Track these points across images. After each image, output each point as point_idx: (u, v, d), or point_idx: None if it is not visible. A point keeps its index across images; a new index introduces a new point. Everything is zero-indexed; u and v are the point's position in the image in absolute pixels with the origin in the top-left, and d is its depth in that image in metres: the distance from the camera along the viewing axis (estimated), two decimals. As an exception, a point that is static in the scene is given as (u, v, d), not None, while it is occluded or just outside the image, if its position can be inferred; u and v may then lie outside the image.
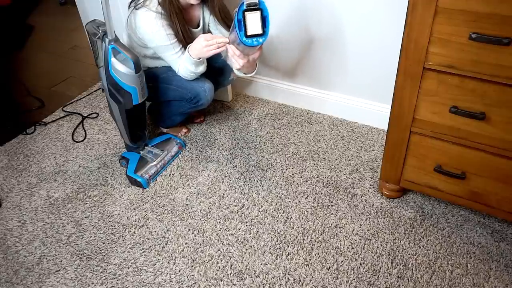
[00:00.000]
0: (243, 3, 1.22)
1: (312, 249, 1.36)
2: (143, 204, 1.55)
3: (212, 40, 1.41)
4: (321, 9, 1.67)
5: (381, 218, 1.44)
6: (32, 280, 1.32)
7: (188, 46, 1.50)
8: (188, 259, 1.35)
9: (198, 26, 1.63)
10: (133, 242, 1.41)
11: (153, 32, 1.48)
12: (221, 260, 1.34)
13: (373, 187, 1.56)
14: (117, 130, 1.86)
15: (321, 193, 1.55)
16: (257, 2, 1.22)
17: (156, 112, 1.85)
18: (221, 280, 1.28)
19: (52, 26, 3.06)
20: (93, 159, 1.77)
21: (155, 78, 1.64)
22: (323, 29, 1.72)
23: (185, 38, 1.53)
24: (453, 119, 1.18)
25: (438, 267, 1.28)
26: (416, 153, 1.32)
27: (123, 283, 1.30)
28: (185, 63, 1.51)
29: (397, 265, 1.30)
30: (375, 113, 1.80)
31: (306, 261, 1.32)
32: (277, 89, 2.01)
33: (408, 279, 1.26)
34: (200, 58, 1.49)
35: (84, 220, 1.50)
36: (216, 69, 1.68)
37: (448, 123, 1.20)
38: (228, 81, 1.83)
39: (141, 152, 1.70)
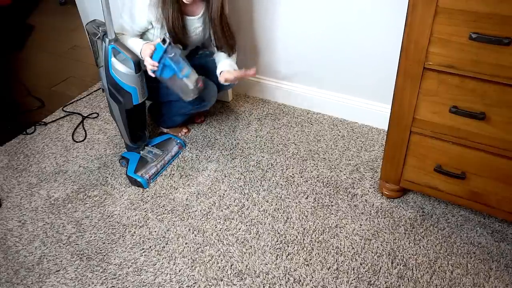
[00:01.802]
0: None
1: (312, 249, 1.36)
2: (143, 204, 1.55)
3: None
4: (321, 10, 1.67)
5: (381, 218, 1.44)
6: (32, 280, 1.32)
7: (146, 43, 1.48)
8: (188, 259, 1.35)
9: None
10: (133, 242, 1.41)
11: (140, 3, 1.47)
12: (221, 260, 1.34)
13: (373, 187, 1.56)
14: (117, 130, 1.86)
15: (321, 193, 1.55)
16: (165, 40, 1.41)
17: (157, 112, 1.84)
18: (221, 280, 1.28)
19: (52, 26, 3.06)
20: (93, 159, 1.77)
21: (156, 78, 1.63)
22: (323, 29, 1.72)
23: (174, 27, 1.50)
24: (453, 119, 1.18)
25: (438, 267, 1.28)
26: (416, 153, 1.32)
27: (123, 283, 1.30)
28: (133, 44, 1.51)
29: (397, 265, 1.30)
30: (375, 113, 1.80)
31: (306, 261, 1.32)
32: (277, 89, 2.01)
33: (408, 279, 1.26)
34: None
35: (84, 220, 1.50)
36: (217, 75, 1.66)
37: (448, 123, 1.20)
38: (228, 86, 1.82)
39: (141, 152, 1.70)
